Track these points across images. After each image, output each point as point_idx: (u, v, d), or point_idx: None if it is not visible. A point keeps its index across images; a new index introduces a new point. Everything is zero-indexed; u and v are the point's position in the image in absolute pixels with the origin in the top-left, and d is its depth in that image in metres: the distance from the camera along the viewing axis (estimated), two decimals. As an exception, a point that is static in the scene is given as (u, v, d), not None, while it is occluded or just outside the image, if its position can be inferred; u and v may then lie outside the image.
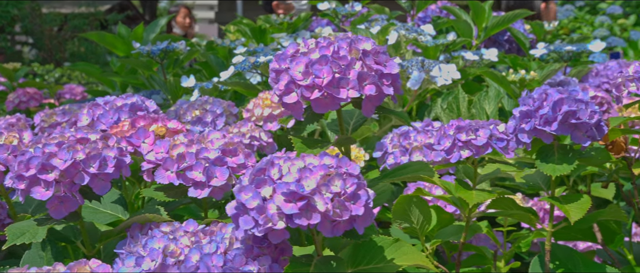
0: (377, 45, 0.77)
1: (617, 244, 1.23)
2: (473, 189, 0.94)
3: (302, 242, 0.90)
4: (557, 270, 1.05)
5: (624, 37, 4.80)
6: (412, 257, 0.76)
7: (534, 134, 0.97)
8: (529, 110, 0.98)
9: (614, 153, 1.05)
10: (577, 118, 0.94)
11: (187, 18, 4.65)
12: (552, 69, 1.64)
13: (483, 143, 0.91)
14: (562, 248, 1.07)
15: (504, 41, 2.19)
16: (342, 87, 0.74)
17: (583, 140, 0.96)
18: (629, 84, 0.94)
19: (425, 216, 1.01)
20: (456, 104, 1.49)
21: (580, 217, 0.92)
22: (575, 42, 2.09)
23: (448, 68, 1.58)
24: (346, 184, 0.68)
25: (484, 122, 0.94)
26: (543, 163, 0.96)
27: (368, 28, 1.93)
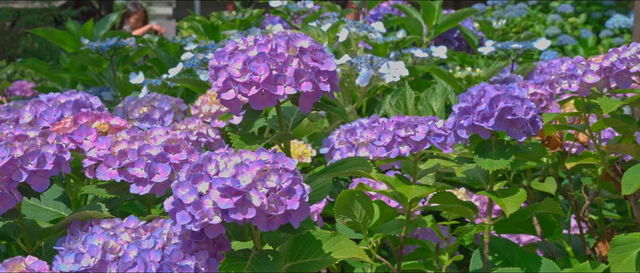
0: (315, 42, 0.78)
1: (556, 236, 1.27)
2: (413, 184, 0.96)
3: (245, 237, 0.91)
4: (496, 262, 1.08)
5: (574, 35, 4.91)
6: (349, 250, 0.78)
7: (472, 130, 0.99)
8: (468, 107, 1.00)
9: (550, 148, 1.09)
10: (513, 114, 0.97)
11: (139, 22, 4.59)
12: (498, 66, 1.68)
13: (421, 139, 0.93)
14: (500, 241, 1.10)
15: (454, 39, 2.22)
16: (279, 84, 0.75)
17: (519, 135, 0.99)
18: (561, 81, 0.97)
19: (367, 211, 1.03)
20: (403, 100, 1.52)
21: (515, 210, 0.95)
22: (522, 40, 2.14)
23: (396, 65, 1.60)
24: (282, 179, 0.69)
25: (423, 118, 0.96)
26: (481, 158, 0.99)
27: (319, 25, 1.94)
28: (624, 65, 0.90)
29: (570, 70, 0.96)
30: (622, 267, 0.92)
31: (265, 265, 0.71)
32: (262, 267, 0.71)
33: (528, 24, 5.04)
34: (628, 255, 0.92)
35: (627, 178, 0.88)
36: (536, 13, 5.23)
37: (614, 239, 0.94)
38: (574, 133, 1.12)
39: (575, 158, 1.02)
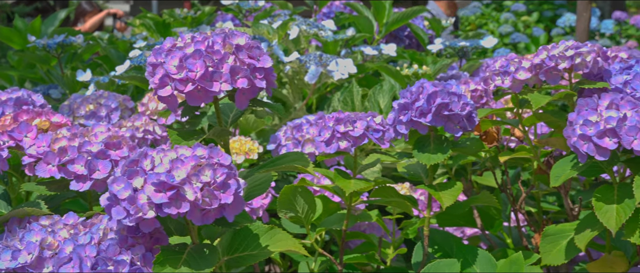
0: (251, 40, 0.79)
1: (496, 229, 1.30)
2: (352, 179, 0.98)
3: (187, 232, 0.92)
4: (436, 254, 1.11)
5: (527, 33, 5.02)
6: (286, 243, 0.79)
7: (411, 126, 1.02)
8: (407, 103, 1.03)
9: (487, 143, 1.12)
10: (450, 110, 1.00)
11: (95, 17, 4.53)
12: (444, 64, 1.71)
13: (360, 134, 0.95)
14: (440, 233, 1.13)
15: (405, 37, 2.26)
16: (215, 80, 0.76)
17: (455, 130, 1.02)
18: (495, 77, 1.00)
19: (310, 205, 1.04)
20: (350, 97, 1.54)
21: (451, 202, 0.98)
22: (470, 38, 2.18)
23: (345, 62, 1.62)
24: (216, 174, 0.71)
25: (363, 114, 0.98)
26: (420, 153, 1.02)
27: (271, 23, 1.95)
28: (553, 62, 0.93)
29: (503, 67, 0.99)
30: (552, 256, 0.96)
31: (201, 258, 0.72)
32: (198, 260, 0.72)
33: (482, 22, 5.13)
34: (558, 245, 0.96)
35: (555, 171, 0.91)
36: (490, 11, 5.32)
37: (544, 230, 0.98)
38: (510, 128, 1.15)
39: (508, 153, 1.05)
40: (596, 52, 0.93)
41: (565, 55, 0.93)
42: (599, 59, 0.93)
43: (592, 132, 0.83)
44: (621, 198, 0.85)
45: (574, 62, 0.93)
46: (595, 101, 0.86)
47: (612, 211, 0.84)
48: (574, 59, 0.93)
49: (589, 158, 0.85)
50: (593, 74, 0.97)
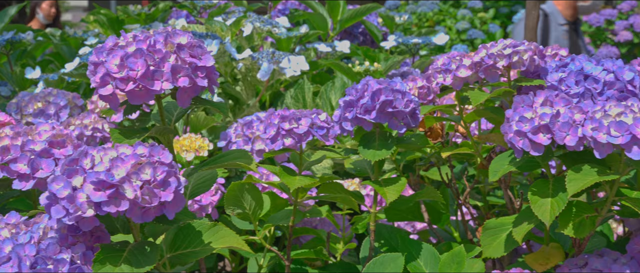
0: (193, 39, 0.80)
1: (444, 223, 1.33)
2: (297, 175, 1.00)
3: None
4: (382, 248, 1.14)
5: (483, 29, 5.11)
6: (229, 239, 0.80)
7: (356, 122, 1.04)
8: (352, 100, 1.05)
9: (432, 139, 1.15)
10: (394, 107, 1.02)
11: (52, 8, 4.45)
12: (395, 61, 1.74)
13: (304, 131, 0.97)
14: (386, 228, 1.15)
15: (359, 33, 2.28)
16: (157, 79, 0.77)
17: (399, 127, 1.04)
18: (437, 75, 1.03)
19: (257, 202, 1.06)
20: (302, 94, 1.55)
21: (395, 197, 1.00)
22: (423, 35, 2.21)
23: (297, 59, 1.64)
24: (157, 172, 0.71)
25: (308, 111, 1.00)
26: (365, 149, 1.04)
27: (225, 20, 1.96)
28: (492, 60, 0.96)
29: (445, 65, 1.02)
30: (492, 249, 0.98)
31: (142, 256, 0.73)
32: (139, 258, 0.73)
33: (440, 18, 5.19)
34: (498, 238, 0.99)
35: (494, 166, 0.94)
36: (448, 8, 5.39)
37: (485, 223, 1.00)
38: (454, 124, 1.18)
39: (450, 148, 1.08)
40: (533, 50, 0.96)
41: (503, 53, 0.95)
42: (535, 57, 0.96)
43: (527, 128, 0.86)
44: (556, 192, 0.88)
45: (511, 60, 0.95)
46: (531, 98, 0.89)
47: (547, 204, 0.87)
48: (512, 57, 0.95)
49: (525, 153, 0.88)
50: (531, 72, 1.00)
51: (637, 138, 0.80)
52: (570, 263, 0.92)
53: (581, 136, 0.84)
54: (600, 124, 0.82)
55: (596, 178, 0.83)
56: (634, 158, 0.80)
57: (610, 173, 0.84)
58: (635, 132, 0.80)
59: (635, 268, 0.88)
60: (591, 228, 0.88)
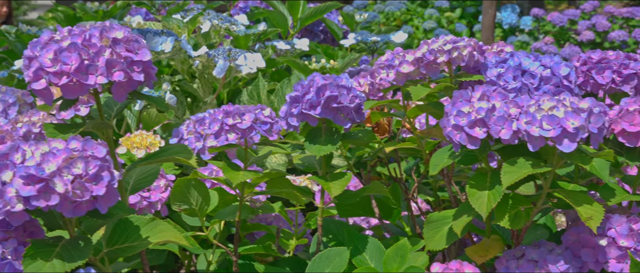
0: (130, 33, 0.80)
1: (395, 218, 1.34)
2: (242, 170, 1.00)
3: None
4: (330, 242, 1.14)
5: (450, 29, 5.15)
6: (167, 234, 0.80)
7: (302, 118, 1.05)
8: (297, 96, 1.05)
9: (379, 134, 1.16)
10: (339, 102, 1.03)
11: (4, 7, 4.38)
12: (352, 58, 1.75)
13: (247, 126, 0.97)
14: (335, 223, 1.16)
15: (320, 31, 2.29)
16: (91, 73, 0.77)
17: (344, 122, 1.05)
18: (380, 71, 1.04)
19: (203, 198, 1.06)
20: (257, 91, 1.56)
21: (339, 192, 1.01)
22: (383, 33, 2.23)
23: (254, 57, 1.64)
24: (89, 166, 0.71)
25: (252, 106, 1.00)
26: (311, 145, 1.04)
27: (184, 17, 1.95)
28: (432, 55, 0.97)
29: (388, 61, 1.03)
30: (435, 242, 1.00)
31: (75, 250, 0.73)
32: (71, 252, 0.72)
33: (407, 17, 5.22)
34: (440, 231, 1.00)
35: (434, 160, 0.95)
36: (415, 7, 5.42)
37: (428, 217, 1.02)
38: (402, 120, 1.19)
39: (394, 143, 1.09)
40: (472, 46, 0.98)
41: (444, 49, 0.97)
42: (475, 53, 0.98)
43: (464, 122, 0.88)
44: (493, 185, 0.89)
45: (451, 56, 0.97)
46: (469, 93, 0.91)
47: (484, 197, 0.89)
48: (452, 52, 0.97)
49: (462, 147, 0.89)
50: (472, 68, 1.01)
51: (568, 131, 0.82)
52: (508, 255, 0.94)
53: (516, 130, 0.86)
54: (534, 117, 0.84)
55: (530, 171, 0.85)
56: (564, 151, 0.82)
57: (544, 166, 0.86)
58: (565, 125, 0.82)
59: (570, 259, 0.90)
60: (527, 220, 0.90)
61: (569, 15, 5.02)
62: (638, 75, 1.03)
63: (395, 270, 1.01)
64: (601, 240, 0.90)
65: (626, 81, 1.02)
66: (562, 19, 4.96)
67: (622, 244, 0.88)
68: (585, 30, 4.85)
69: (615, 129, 0.92)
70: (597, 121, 0.83)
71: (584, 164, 0.85)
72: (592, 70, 1.04)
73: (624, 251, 0.88)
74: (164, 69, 1.85)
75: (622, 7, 5.23)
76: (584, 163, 0.85)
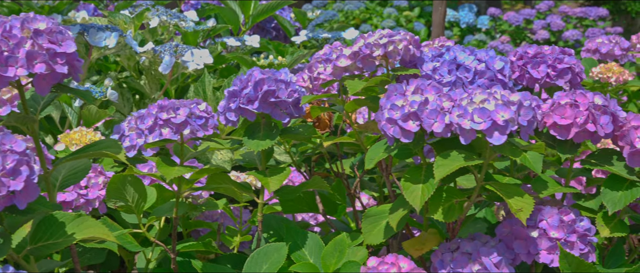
0: (54, 25, 0.78)
1: (340, 214, 1.34)
2: (177, 166, 0.98)
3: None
4: (271, 238, 1.14)
5: (408, 27, 5.18)
6: (93, 230, 0.79)
7: (240, 113, 1.04)
8: (236, 91, 1.04)
9: (320, 129, 1.15)
10: (277, 97, 1.02)
11: None
12: (300, 54, 1.74)
13: (182, 121, 0.96)
14: (276, 219, 1.15)
15: (272, 28, 2.28)
16: (11, 65, 0.74)
17: (282, 117, 1.04)
18: (317, 65, 1.03)
19: (140, 194, 1.04)
20: (202, 87, 1.54)
21: (277, 187, 1.01)
22: (335, 30, 2.23)
23: (201, 53, 1.62)
24: (6, 161, 0.69)
25: (188, 101, 0.99)
26: (249, 139, 1.04)
27: (132, 13, 1.92)
28: (368, 49, 0.97)
29: (326, 55, 1.03)
30: (373, 236, 1.00)
31: (-8, 247, 0.71)
32: (-12, 249, 0.70)
33: (366, 16, 5.24)
34: (378, 225, 1.00)
35: (370, 154, 0.95)
36: (375, 6, 5.44)
37: (366, 212, 1.02)
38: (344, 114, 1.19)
39: (332, 138, 1.09)
40: (408, 40, 0.98)
41: (379, 43, 0.97)
42: (410, 47, 0.98)
43: (398, 115, 0.88)
44: (427, 178, 0.90)
45: (387, 50, 0.97)
46: (404, 87, 0.91)
47: (418, 190, 0.89)
48: (387, 46, 0.97)
49: (397, 140, 0.89)
50: (410, 62, 1.01)
51: (498, 124, 0.83)
52: (443, 248, 0.94)
53: (448, 123, 0.86)
54: (466, 110, 0.85)
55: (462, 163, 0.85)
56: (494, 143, 0.83)
57: (476, 159, 0.87)
58: (495, 118, 0.82)
59: (503, 251, 0.91)
60: (460, 212, 0.91)
61: (524, 14, 5.09)
62: (572, 70, 1.04)
63: (334, 265, 1.01)
64: (533, 232, 0.91)
65: (560, 75, 1.04)
66: (518, 18, 5.03)
67: (552, 236, 0.89)
68: (540, 29, 4.93)
69: (547, 122, 0.93)
70: (526, 114, 0.84)
71: (515, 156, 0.86)
72: (527, 64, 1.05)
73: (554, 242, 0.89)
74: (110, 65, 1.82)
75: (576, 7, 5.33)
76: (515, 156, 0.86)
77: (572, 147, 0.93)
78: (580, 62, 1.06)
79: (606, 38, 1.80)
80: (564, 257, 0.86)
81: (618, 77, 1.57)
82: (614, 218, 0.93)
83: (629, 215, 0.96)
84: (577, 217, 0.92)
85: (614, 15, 6.84)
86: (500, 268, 0.89)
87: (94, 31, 1.54)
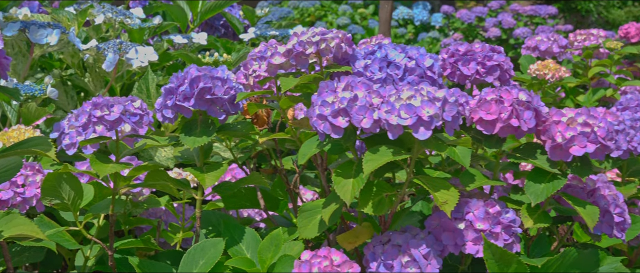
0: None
1: (282, 209, 1.36)
2: (111, 162, 0.99)
3: None
4: (210, 234, 1.15)
5: (363, 25, 5.22)
6: (23, 227, 0.79)
7: (176, 110, 1.04)
8: (172, 88, 1.05)
9: (258, 125, 1.17)
10: (213, 94, 1.03)
11: None
12: (245, 52, 1.75)
13: (115, 118, 0.96)
14: (215, 214, 1.17)
15: (220, 26, 2.28)
16: None
17: (219, 114, 1.05)
18: (252, 62, 1.05)
19: (76, 192, 1.04)
20: (146, 85, 1.54)
21: (213, 183, 1.02)
22: (283, 28, 2.24)
23: (145, 50, 1.62)
24: None
25: (123, 98, 0.99)
26: (186, 136, 1.04)
27: (77, 10, 1.90)
28: (302, 47, 0.99)
29: (261, 53, 1.04)
30: (308, 230, 1.01)
31: None
32: None
33: (321, 13, 5.26)
34: (313, 219, 1.02)
35: (303, 150, 0.97)
36: (330, 4, 5.47)
37: (301, 206, 1.03)
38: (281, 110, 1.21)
39: (267, 134, 1.10)
40: (340, 38, 1.00)
41: (312, 40, 0.99)
42: (342, 45, 1.00)
43: (328, 112, 0.89)
44: (357, 173, 0.92)
45: (319, 47, 0.99)
46: (335, 84, 0.93)
47: (349, 185, 0.91)
48: (320, 44, 0.99)
49: (327, 136, 0.91)
50: (343, 59, 1.03)
51: (423, 119, 0.85)
52: (375, 241, 0.97)
53: (377, 119, 0.88)
54: (393, 107, 0.87)
55: (390, 158, 0.88)
56: (420, 138, 0.85)
57: (404, 153, 0.89)
58: (420, 114, 0.85)
59: (432, 243, 0.94)
60: (390, 206, 0.93)
61: (477, 12, 5.18)
62: (501, 67, 1.08)
63: (270, 259, 1.02)
64: (460, 224, 0.93)
65: (489, 72, 1.07)
66: (471, 16, 5.11)
67: (478, 227, 0.92)
68: (492, 27, 5.02)
69: (474, 118, 0.96)
70: (451, 110, 0.87)
71: (441, 151, 0.88)
72: (458, 62, 1.08)
73: (479, 233, 0.92)
74: (54, 63, 1.80)
75: (527, 6, 5.44)
76: (440, 150, 0.89)
77: (498, 141, 0.96)
78: (509, 59, 1.09)
79: (545, 36, 1.85)
80: (488, 248, 0.90)
81: (554, 74, 1.61)
82: (537, 210, 0.97)
83: (553, 206, 1.00)
84: (503, 209, 0.95)
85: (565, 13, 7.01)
86: (428, 260, 0.92)
87: (35, 28, 1.52)
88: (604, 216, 0.99)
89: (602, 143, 0.91)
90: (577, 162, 0.94)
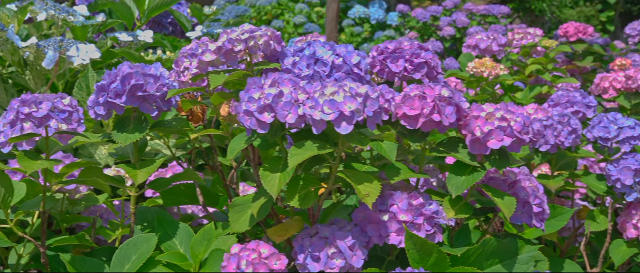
0: None
1: (222, 205, 1.37)
2: (41, 160, 0.99)
3: None
4: (146, 230, 1.16)
5: (320, 23, 5.25)
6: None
7: (108, 107, 1.05)
8: (104, 85, 1.06)
9: (193, 122, 1.18)
10: (145, 91, 1.04)
11: None
12: (190, 50, 1.76)
13: (44, 115, 0.96)
14: (151, 211, 1.17)
15: (168, 24, 2.28)
16: None
17: (151, 111, 1.06)
18: (184, 60, 1.06)
19: (7, 189, 1.04)
20: (86, 83, 1.54)
21: (144, 179, 1.03)
22: (231, 26, 2.25)
23: (87, 48, 1.61)
24: None
25: (52, 95, 0.99)
26: (119, 133, 1.05)
27: (18, 7, 1.88)
28: (231, 44, 1.01)
29: (192, 50, 1.05)
30: (239, 225, 1.03)
31: None
32: None
33: (278, 12, 5.27)
34: (244, 214, 1.03)
35: (232, 145, 0.99)
36: (287, 2, 5.48)
37: (233, 201, 1.05)
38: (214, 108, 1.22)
39: (202, 130, 1.12)
40: (269, 36, 1.02)
41: (241, 38, 1.00)
42: (271, 43, 1.02)
43: (254, 108, 0.91)
44: (284, 167, 0.94)
45: (248, 45, 1.01)
46: (263, 80, 0.94)
47: (276, 179, 0.93)
48: (248, 42, 1.00)
49: (254, 132, 0.93)
50: (273, 57, 1.05)
51: (345, 115, 0.88)
52: (304, 233, 0.99)
53: (302, 114, 0.91)
54: (317, 102, 0.89)
55: (315, 152, 0.90)
56: (342, 133, 0.88)
57: (329, 148, 0.91)
58: (343, 109, 0.87)
59: (358, 235, 0.96)
60: (316, 199, 0.95)
61: (432, 12, 5.25)
62: (428, 64, 1.11)
63: (202, 254, 1.04)
64: (384, 216, 0.96)
65: (417, 69, 1.10)
66: (426, 15, 5.17)
67: (401, 219, 0.95)
68: (446, 26, 5.09)
69: (399, 113, 0.99)
70: (373, 105, 0.90)
71: (363, 145, 0.91)
72: (387, 59, 1.11)
73: (402, 225, 0.95)
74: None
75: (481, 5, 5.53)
76: (363, 145, 0.91)
77: (421, 136, 1.00)
78: (436, 57, 1.13)
79: (485, 34, 1.90)
80: (409, 238, 0.93)
81: (491, 72, 1.66)
82: (460, 202, 1.00)
83: (476, 198, 1.04)
84: (427, 201, 0.98)
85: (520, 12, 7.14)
86: (354, 251, 0.95)
87: (-28, 26, 1.51)
88: (524, 207, 1.03)
89: (518, 136, 0.95)
90: (495, 155, 0.98)
